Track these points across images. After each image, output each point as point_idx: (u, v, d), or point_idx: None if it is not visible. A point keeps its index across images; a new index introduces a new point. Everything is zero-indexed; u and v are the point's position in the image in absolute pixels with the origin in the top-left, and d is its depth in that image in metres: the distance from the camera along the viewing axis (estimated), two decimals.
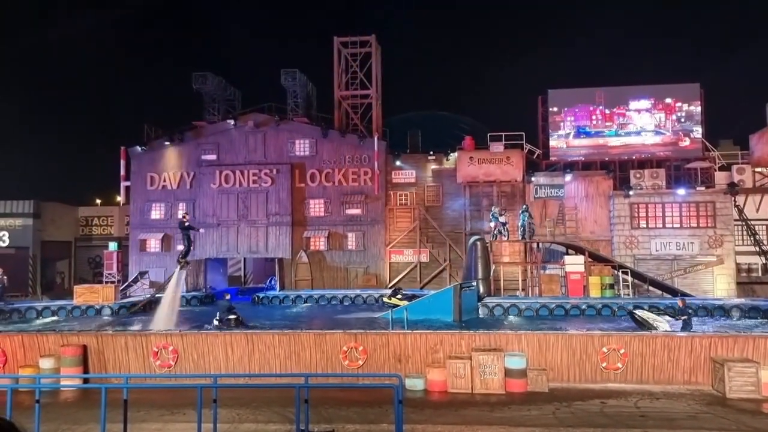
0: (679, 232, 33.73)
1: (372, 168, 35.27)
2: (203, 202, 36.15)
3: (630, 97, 37.40)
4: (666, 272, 32.91)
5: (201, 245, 36.01)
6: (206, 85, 37.88)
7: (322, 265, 35.72)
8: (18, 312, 26.32)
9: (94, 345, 17.03)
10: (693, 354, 15.51)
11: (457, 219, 35.74)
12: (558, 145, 37.57)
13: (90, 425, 12.04)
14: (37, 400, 10.36)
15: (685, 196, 33.85)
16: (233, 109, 38.99)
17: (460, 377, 15.19)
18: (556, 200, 35.18)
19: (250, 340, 16.85)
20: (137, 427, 11.84)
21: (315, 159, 36.20)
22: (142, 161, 37.42)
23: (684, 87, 37.36)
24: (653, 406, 13.49)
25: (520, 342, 16.13)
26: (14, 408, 10.57)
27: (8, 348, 17.04)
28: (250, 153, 36.45)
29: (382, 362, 16.23)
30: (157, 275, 35.81)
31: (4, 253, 41.19)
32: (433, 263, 35.72)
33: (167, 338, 17.18)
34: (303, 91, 37.87)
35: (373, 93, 37.65)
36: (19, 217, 41.51)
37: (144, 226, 37.01)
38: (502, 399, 14.49)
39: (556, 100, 37.76)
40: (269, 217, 35.58)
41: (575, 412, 13.12)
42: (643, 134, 37.15)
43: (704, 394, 14.58)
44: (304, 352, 16.56)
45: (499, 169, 34.78)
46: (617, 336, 16.36)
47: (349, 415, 12.88)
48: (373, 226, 35.69)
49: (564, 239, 33.82)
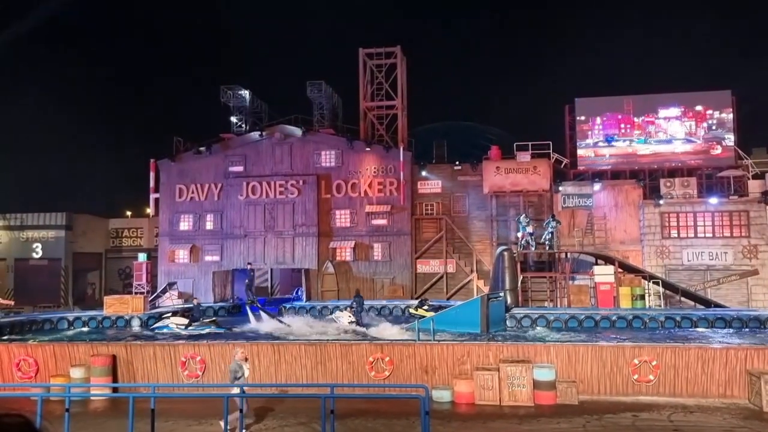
0: (712, 242, 33.06)
1: (398, 178, 35.22)
2: (230, 213, 36.44)
3: (659, 105, 36.88)
4: (699, 283, 32.25)
5: (228, 256, 36.30)
6: (234, 98, 38.29)
7: (348, 275, 35.71)
8: (50, 322, 26.71)
9: (123, 355, 17.19)
10: (728, 366, 15.11)
11: (484, 229, 35.49)
12: (586, 154, 37.16)
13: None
14: (67, 408, 10.46)
15: (718, 205, 33.19)
16: (260, 121, 39.32)
17: (487, 389, 15.00)
18: (584, 210, 34.76)
19: (276, 351, 16.87)
20: None
21: (341, 170, 36.29)
22: (171, 173, 37.88)
23: (715, 94, 36.73)
24: (687, 420, 13.15)
25: (548, 353, 15.89)
26: (45, 416, 10.69)
27: (40, 357, 17.28)
28: (277, 164, 36.69)
29: (408, 373, 16.11)
30: (186, 286, 36.14)
31: (38, 265, 42.03)
32: (460, 274, 35.49)
33: (195, 348, 17.28)
34: (329, 103, 38.06)
35: (399, 104, 37.69)
36: (52, 229, 42.33)
37: (173, 237, 37.41)
38: (531, 411, 14.27)
39: (583, 109, 37.39)
40: (296, 228, 35.72)
41: (606, 426, 12.86)
42: (673, 142, 36.58)
43: (740, 408, 14.19)
44: (331, 362, 16.51)
45: (526, 179, 34.48)
46: (649, 347, 16.03)
47: (375, 426, 12.79)
48: (399, 236, 35.60)
49: (593, 249, 33.36)
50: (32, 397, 12.74)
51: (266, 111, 40.47)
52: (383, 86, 37.80)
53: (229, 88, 38.02)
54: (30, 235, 42.30)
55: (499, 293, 26.53)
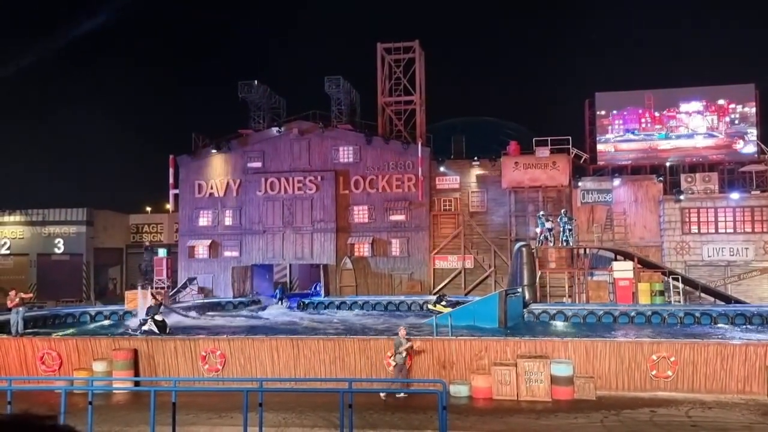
0: (733, 238, 32.70)
1: (416, 174, 35.22)
2: (249, 209, 36.71)
3: (680, 99, 36.48)
4: (719, 279, 31.93)
5: (248, 251, 36.58)
6: (251, 93, 38.34)
7: (366, 271, 35.83)
8: (72, 316, 27.14)
9: (145, 349, 17.44)
10: (747, 362, 15.00)
11: (502, 225, 35.41)
12: (606, 149, 36.88)
13: (141, 427, 12.32)
14: (90, 401, 10.66)
15: (739, 201, 32.81)
16: (278, 117, 39.49)
17: (505, 384, 15.03)
18: (603, 205, 34.53)
19: (295, 346, 17.02)
20: (186, 429, 12.06)
21: (359, 166, 36.38)
22: (190, 169, 38.22)
23: (738, 88, 36.24)
24: (705, 416, 13.09)
25: (566, 349, 15.87)
26: (68, 409, 10.91)
27: (63, 351, 17.59)
28: (295, 160, 36.87)
29: (426, 368, 16.18)
30: (205, 281, 36.50)
31: (60, 260, 42.65)
32: (478, 269, 35.47)
33: (215, 343, 17.49)
34: (346, 98, 38.12)
35: (417, 99, 37.67)
36: (73, 224, 42.91)
37: (192, 233, 37.76)
38: (549, 406, 14.28)
39: (603, 104, 37.09)
40: (314, 224, 35.89)
41: (624, 421, 12.83)
42: (694, 137, 36.18)
43: (759, 404, 14.08)
44: (349, 357, 16.63)
45: (545, 174, 34.32)
46: (667, 343, 15.96)
47: (393, 420, 12.87)
48: (417, 232, 35.64)
49: (612, 245, 33.15)
50: (56, 390, 12.99)
51: (284, 107, 40.63)
52: (401, 81, 37.81)
53: (246, 83, 38.14)
54: (52, 231, 42.91)
55: (517, 289, 26.51)
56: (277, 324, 25.93)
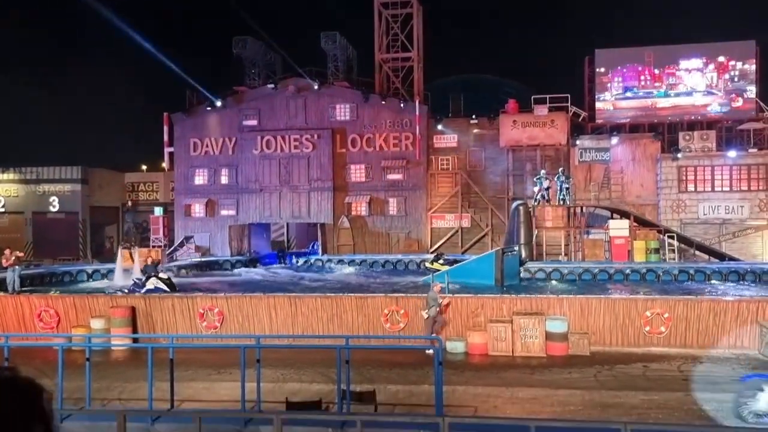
0: (729, 196, 32.75)
1: (413, 133, 34.97)
2: (245, 167, 36.52)
3: (680, 56, 36.08)
4: (714, 237, 32.09)
5: (245, 210, 36.55)
6: (246, 50, 37.66)
7: (363, 230, 35.88)
8: (69, 275, 27.20)
9: (142, 307, 17.53)
10: (740, 318, 15.17)
11: (500, 184, 35.36)
12: (604, 108, 36.62)
13: (140, 383, 12.43)
14: (88, 358, 10.73)
15: (736, 159, 32.75)
16: (273, 74, 38.93)
17: (500, 340, 15.20)
18: (601, 164, 34.44)
19: (293, 303, 17.12)
20: (186, 385, 12.20)
21: (356, 124, 36.09)
22: (185, 127, 37.88)
23: (738, 45, 35.81)
24: (697, 370, 13.29)
25: (561, 306, 16.02)
26: (67, 366, 11.00)
27: (61, 309, 17.67)
28: (291, 118, 36.54)
29: (423, 325, 16.33)
30: (202, 240, 36.54)
31: (55, 218, 42.56)
32: (475, 228, 35.54)
33: (213, 301, 17.60)
34: (343, 55, 37.55)
35: (415, 56, 37.17)
36: (68, 182, 42.65)
37: (188, 191, 37.63)
38: (543, 362, 14.47)
39: (603, 61, 36.68)
40: (311, 183, 35.78)
41: (617, 376, 13.03)
42: (693, 95, 35.90)
43: (750, 359, 14.29)
44: (346, 315, 16.76)
45: (543, 133, 34.13)
46: (661, 300, 16.12)
47: (390, 376, 13.04)
48: (414, 191, 35.58)
49: (609, 204, 33.19)
50: (54, 347, 13.08)
51: (280, 63, 40.03)
52: (399, 37, 37.24)
53: (240, 39, 37.45)
54: (46, 189, 42.67)
55: (513, 247, 26.60)
56: (275, 283, 26.06)
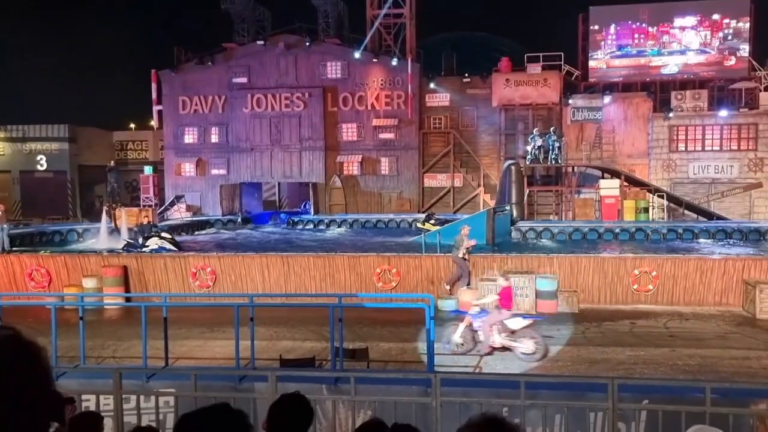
0: (719, 155, 32.87)
1: (405, 91, 34.68)
2: (236, 126, 36.21)
3: (675, 13, 35.72)
4: (703, 196, 32.32)
5: (236, 169, 36.38)
6: (234, 4, 36.88)
7: (355, 189, 35.85)
8: (59, 234, 27.12)
9: (135, 266, 17.54)
10: (726, 276, 15.39)
11: (492, 143, 35.28)
12: (598, 66, 36.36)
13: (133, 341, 12.52)
14: (81, 317, 10.77)
15: (727, 118, 32.76)
16: (263, 30, 38.25)
17: None
18: (593, 123, 34.38)
19: (285, 263, 17.18)
20: (180, 343, 12.29)
21: (347, 82, 35.72)
22: (174, 85, 37.36)
23: (733, 2, 35.42)
24: (683, 327, 13.53)
25: (551, 265, 16.17)
26: (60, 325, 11.04)
27: (52, 268, 17.65)
28: (282, 76, 36.10)
29: (415, 284, 16.47)
30: (193, 199, 36.43)
31: (43, 177, 42.19)
32: (467, 188, 35.59)
33: (205, 260, 17.62)
34: (334, 10, 36.90)
35: (407, 12, 36.59)
36: (55, 141, 42.13)
37: (178, 150, 37.35)
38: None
39: (597, 18, 36.27)
40: (302, 142, 35.57)
41: (604, 332, 13.25)
42: (687, 53, 35.68)
43: (734, 315, 14.55)
44: (339, 274, 16.85)
45: (536, 92, 33.94)
46: (649, 259, 16.30)
47: (382, 333, 13.20)
48: (406, 150, 35.46)
49: (600, 163, 33.26)
50: (47, 306, 13.12)
51: (269, 19, 39.30)
52: None
53: None
54: (33, 147, 42.17)
55: (505, 207, 26.72)
56: (267, 242, 26.14)
